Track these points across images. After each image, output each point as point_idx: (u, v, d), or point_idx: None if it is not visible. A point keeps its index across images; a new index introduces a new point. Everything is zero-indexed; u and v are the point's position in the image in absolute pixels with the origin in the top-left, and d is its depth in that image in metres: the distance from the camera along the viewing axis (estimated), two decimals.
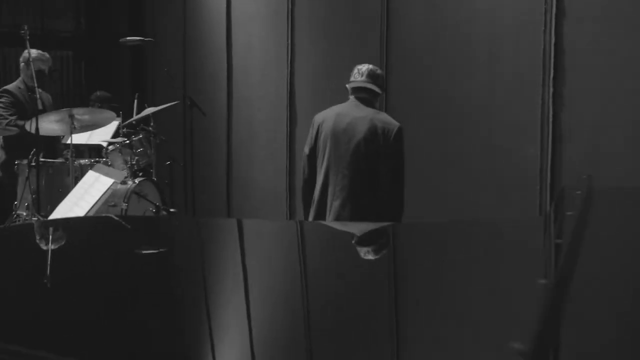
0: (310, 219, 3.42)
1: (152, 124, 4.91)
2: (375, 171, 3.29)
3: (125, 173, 2.54)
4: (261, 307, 1.48)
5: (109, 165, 4.62)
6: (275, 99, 5.57)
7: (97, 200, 2.65)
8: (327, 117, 3.38)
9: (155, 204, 4.42)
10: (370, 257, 2.12)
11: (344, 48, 4.80)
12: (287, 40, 5.39)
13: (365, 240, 2.36)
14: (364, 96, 3.37)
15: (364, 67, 3.42)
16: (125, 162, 4.54)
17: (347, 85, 3.45)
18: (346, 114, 3.35)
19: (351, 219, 3.28)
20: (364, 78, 3.39)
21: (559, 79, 3.29)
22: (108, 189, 2.66)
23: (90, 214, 2.63)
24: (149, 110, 4.87)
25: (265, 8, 5.73)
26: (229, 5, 6.14)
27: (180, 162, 5.91)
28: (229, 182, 6.27)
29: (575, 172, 3.22)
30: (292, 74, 5.39)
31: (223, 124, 6.24)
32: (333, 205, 3.31)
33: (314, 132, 3.38)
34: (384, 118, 3.37)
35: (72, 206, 2.80)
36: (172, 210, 4.46)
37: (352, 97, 3.41)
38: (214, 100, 6.13)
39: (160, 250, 2.11)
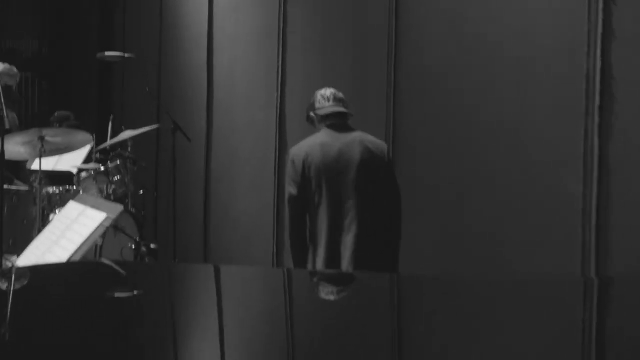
0: (320, 262, 3.01)
1: (129, 148, 4.41)
2: (379, 194, 3.11)
3: (121, 206, 2.07)
4: None
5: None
6: (263, 125, 5.15)
7: (85, 240, 2.15)
8: (311, 149, 3.06)
9: (134, 239, 3.91)
10: (371, 318, 1.70)
11: (344, 69, 4.42)
12: (278, 62, 4.99)
13: (365, 296, 1.97)
14: (339, 122, 3.15)
15: (328, 92, 3.22)
16: (100, 191, 4.04)
17: (314, 113, 3.16)
18: (330, 142, 3.08)
19: (371, 249, 3.06)
20: (331, 103, 3.17)
21: (606, 107, 2.94)
22: (99, 225, 2.16)
23: (77, 257, 2.12)
24: (127, 134, 4.38)
25: (252, 28, 5.34)
26: (210, 25, 5.73)
27: (154, 192, 5.43)
28: (207, 216, 5.79)
29: (628, 212, 2.87)
30: (282, 98, 4.99)
31: (201, 152, 5.77)
32: (345, 240, 2.99)
33: (299, 169, 3.03)
34: (371, 138, 3.22)
35: (51, 246, 2.28)
36: (152, 246, 3.95)
37: (324, 126, 3.11)
38: (191, 126, 5.66)
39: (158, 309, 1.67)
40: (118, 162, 4.24)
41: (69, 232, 2.28)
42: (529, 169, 3.22)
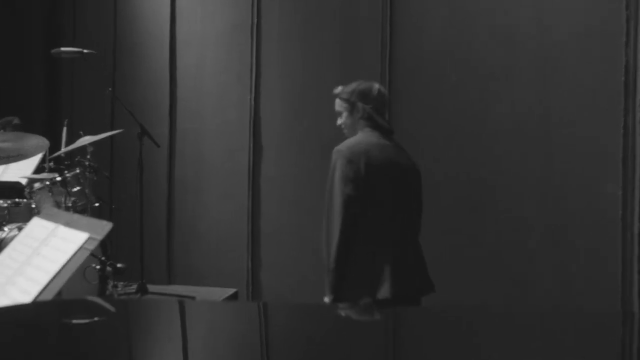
0: (387, 288, 2.54)
1: (88, 156, 3.88)
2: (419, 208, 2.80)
3: (110, 224, 1.58)
4: None
5: (34, 209, 3.55)
6: (235, 128, 4.71)
7: (62, 269, 1.66)
8: (369, 147, 2.65)
9: (98, 258, 3.39)
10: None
11: (330, 64, 4.02)
12: (251, 59, 4.57)
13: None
14: (390, 128, 2.78)
15: (387, 95, 2.83)
16: (58, 203, 3.49)
17: (365, 107, 2.68)
18: (383, 143, 2.72)
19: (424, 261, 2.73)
20: (386, 108, 2.82)
21: None
22: (81, 249, 1.67)
23: (52, 292, 1.63)
24: (86, 140, 3.85)
25: (222, 20, 4.88)
26: (173, 18, 5.23)
27: (111, 205, 4.87)
28: (170, 230, 5.25)
29: None
30: (257, 99, 4.55)
31: (163, 159, 5.24)
32: (416, 250, 2.70)
33: (361, 168, 2.58)
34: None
35: (13, 277, 1.77)
36: (119, 265, 3.44)
37: (366, 125, 2.72)
38: (151, 130, 5.15)
39: None
40: (77, 170, 3.70)
41: (37, 259, 1.77)
42: (559, 171, 2.88)
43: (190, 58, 5.09)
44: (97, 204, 4.30)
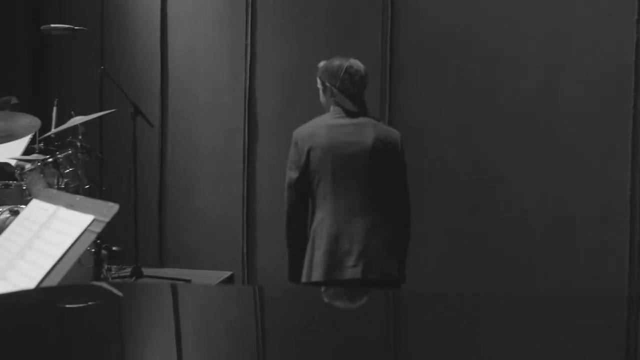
0: (320, 255, 2.58)
1: (80, 136, 3.78)
2: (390, 186, 2.73)
3: (116, 206, 1.49)
4: None
5: (25, 191, 3.45)
6: (229, 110, 4.61)
7: (67, 253, 1.58)
8: (317, 130, 2.67)
9: (94, 241, 3.31)
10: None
11: (327, 45, 3.94)
12: (246, 39, 4.47)
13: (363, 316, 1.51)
14: (356, 111, 2.70)
15: (358, 72, 2.69)
16: (50, 185, 3.40)
17: (330, 85, 2.64)
18: (340, 123, 2.68)
19: (380, 246, 2.64)
20: (357, 88, 2.71)
21: None
22: (86, 232, 1.59)
23: (57, 277, 1.56)
24: (77, 120, 3.75)
25: (214, 2, 4.76)
26: (164, 2, 5.10)
27: (101, 186, 4.78)
28: (162, 212, 5.16)
29: None
30: (251, 80, 4.46)
31: (154, 140, 5.14)
32: (352, 234, 2.61)
33: (303, 151, 2.64)
34: (383, 125, 2.88)
35: (14, 261, 1.69)
36: (115, 249, 3.37)
37: (334, 103, 2.68)
38: (142, 111, 5.05)
39: None
40: (70, 151, 3.60)
41: (38, 242, 1.69)
42: (564, 154, 2.84)
43: (182, 35, 4.97)
44: (87, 186, 4.21)
